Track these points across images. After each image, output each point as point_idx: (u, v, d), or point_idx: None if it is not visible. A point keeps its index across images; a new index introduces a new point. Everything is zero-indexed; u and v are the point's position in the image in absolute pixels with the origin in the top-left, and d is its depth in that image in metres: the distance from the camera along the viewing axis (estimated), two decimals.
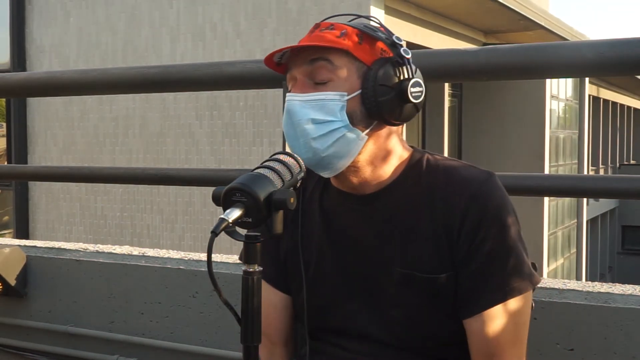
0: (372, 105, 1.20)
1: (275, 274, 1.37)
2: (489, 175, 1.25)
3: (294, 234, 1.34)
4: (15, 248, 2.41)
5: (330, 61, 1.21)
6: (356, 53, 1.21)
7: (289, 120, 1.23)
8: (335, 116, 1.20)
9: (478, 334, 1.23)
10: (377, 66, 1.21)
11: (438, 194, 1.25)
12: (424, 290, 1.24)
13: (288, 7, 9.52)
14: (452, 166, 1.28)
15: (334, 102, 1.20)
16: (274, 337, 1.39)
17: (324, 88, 1.21)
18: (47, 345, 2.41)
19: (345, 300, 1.31)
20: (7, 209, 12.18)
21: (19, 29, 11.20)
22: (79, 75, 2.49)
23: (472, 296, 1.23)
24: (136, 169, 3.48)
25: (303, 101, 1.21)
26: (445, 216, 1.23)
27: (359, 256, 1.29)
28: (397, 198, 1.27)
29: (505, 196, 1.25)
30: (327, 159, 1.22)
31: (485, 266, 1.21)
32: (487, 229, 1.21)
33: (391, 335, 1.27)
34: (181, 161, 10.16)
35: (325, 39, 1.22)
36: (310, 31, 1.26)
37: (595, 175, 9.71)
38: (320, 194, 1.35)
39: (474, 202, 1.22)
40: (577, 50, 1.70)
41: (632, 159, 27.04)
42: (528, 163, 12.55)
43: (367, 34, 1.23)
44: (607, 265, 21.64)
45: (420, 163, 1.29)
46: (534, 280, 1.25)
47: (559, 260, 14.77)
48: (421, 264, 1.24)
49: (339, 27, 1.23)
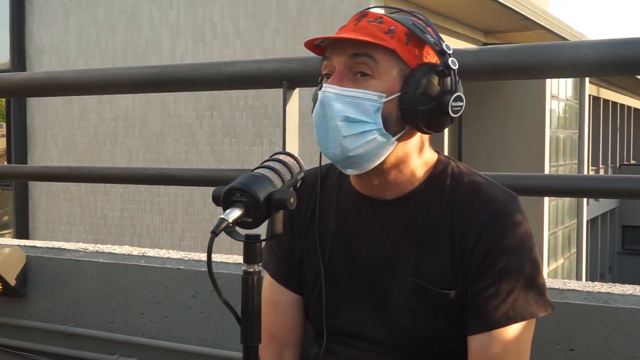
0: (410, 111, 1.16)
1: (288, 275, 1.35)
2: (511, 198, 1.23)
3: (310, 232, 1.32)
4: (15, 248, 2.41)
5: (373, 58, 1.16)
6: (402, 54, 1.17)
7: (322, 112, 1.18)
8: (369, 117, 1.16)
9: (478, 353, 1.21)
10: (421, 71, 1.17)
11: (459, 209, 1.22)
12: (434, 302, 1.23)
13: (288, 7, 9.52)
14: (477, 182, 1.25)
15: (371, 102, 1.16)
16: (285, 338, 1.36)
17: (364, 84, 1.17)
18: (47, 345, 2.41)
19: (353, 302, 1.29)
20: (7, 209, 12.18)
21: (19, 29, 11.21)
22: (79, 75, 2.49)
23: (478, 314, 1.21)
24: (136, 169, 3.48)
25: (339, 95, 1.17)
26: (463, 232, 1.21)
27: (371, 261, 1.28)
28: (417, 207, 1.25)
29: (524, 220, 1.23)
30: (353, 158, 1.18)
31: (495, 287, 1.19)
32: (500, 251, 1.19)
33: (396, 342, 1.27)
34: (181, 161, 10.16)
35: (373, 34, 1.16)
36: (356, 18, 1.20)
37: (595, 175, 9.70)
38: (337, 194, 1.32)
39: (492, 223, 1.20)
40: (577, 50, 1.70)
41: (632, 159, 27.04)
42: (528, 163, 12.55)
43: (416, 35, 1.18)
44: (607, 265, 21.64)
45: (444, 173, 1.26)
46: (546, 307, 1.22)
47: (559, 260, 14.77)
48: (434, 277, 1.22)
49: (388, 22, 1.18)
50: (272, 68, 2.03)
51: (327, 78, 1.22)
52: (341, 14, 9.14)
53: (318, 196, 1.33)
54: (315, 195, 1.33)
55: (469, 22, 12.09)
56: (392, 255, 1.26)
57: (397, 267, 1.25)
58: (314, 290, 1.32)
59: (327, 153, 1.20)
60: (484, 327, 1.20)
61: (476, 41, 12.69)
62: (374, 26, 1.17)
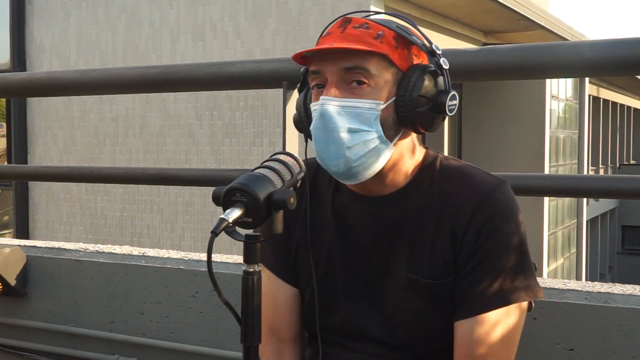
0: (407, 114, 1.17)
1: (286, 269, 1.36)
2: (500, 182, 1.23)
3: (306, 228, 1.32)
4: (15, 248, 2.41)
5: (367, 70, 1.15)
6: (393, 58, 1.16)
7: (323, 125, 1.17)
8: (370, 126, 1.16)
9: (464, 337, 1.21)
10: (413, 74, 1.17)
11: (450, 199, 1.23)
12: (428, 295, 1.23)
13: (288, 7, 9.52)
14: (466, 171, 1.26)
15: (370, 111, 1.16)
16: (284, 333, 1.36)
17: (360, 93, 1.16)
18: (47, 345, 2.41)
19: (349, 300, 1.30)
20: (7, 209, 12.18)
21: (19, 29, 11.21)
22: (79, 75, 2.49)
23: (464, 299, 1.21)
24: (136, 169, 3.48)
25: (340, 106, 1.16)
26: (453, 221, 1.22)
27: (366, 258, 1.28)
28: (409, 202, 1.25)
29: (513, 205, 1.22)
30: (356, 168, 1.18)
31: (481, 270, 1.19)
32: (488, 235, 1.19)
33: (393, 337, 1.27)
34: (181, 161, 10.16)
35: (363, 40, 1.16)
36: (340, 25, 1.19)
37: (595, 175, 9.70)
38: (332, 193, 1.33)
39: (480, 208, 1.20)
40: (577, 50, 1.70)
41: (632, 159, 27.03)
42: (528, 163, 12.55)
43: (403, 37, 1.18)
44: (607, 265, 21.63)
45: (433, 166, 1.27)
46: (533, 293, 1.21)
47: (559, 260, 14.77)
48: (427, 269, 1.23)
49: (374, 26, 1.17)
50: (272, 68, 2.03)
51: (317, 88, 1.21)
52: (341, 14, 9.12)
53: (308, 193, 1.32)
54: (309, 192, 1.33)
55: (469, 22, 12.08)
56: (387, 251, 1.26)
57: (391, 263, 1.26)
58: (309, 286, 1.32)
59: (329, 165, 1.20)
60: (470, 311, 1.20)
61: (476, 41, 12.69)
62: (362, 32, 1.17)
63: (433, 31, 11.09)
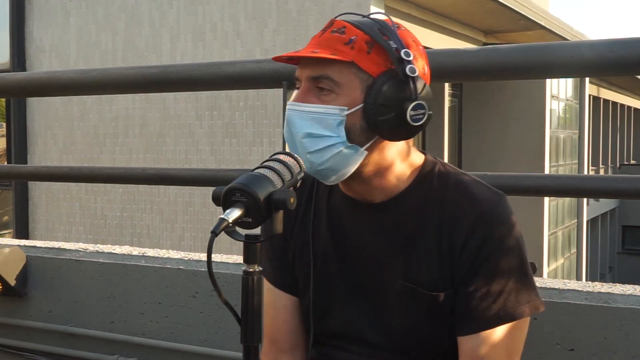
0: (372, 122, 1.16)
1: (284, 278, 1.35)
2: (499, 198, 1.23)
3: (302, 234, 1.32)
4: (15, 248, 2.41)
5: (330, 79, 1.16)
6: (362, 64, 1.15)
7: (288, 129, 1.20)
8: (332, 131, 1.16)
9: (469, 354, 1.21)
10: (382, 81, 1.15)
11: (447, 210, 1.22)
12: (424, 304, 1.23)
13: (288, 7, 9.52)
14: (464, 182, 1.25)
15: (333, 116, 1.16)
16: (283, 343, 1.36)
17: (326, 99, 1.17)
18: (46, 345, 2.41)
19: (346, 304, 1.30)
20: (7, 209, 12.18)
21: (19, 29, 11.21)
22: (79, 75, 2.49)
23: (468, 316, 1.21)
24: (136, 169, 3.48)
25: (301, 112, 1.17)
26: (451, 233, 1.21)
27: (362, 263, 1.28)
28: (406, 209, 1.25)
29: (512, 221, 1.22)
30: (323, 171, 1.19)
31: (485, 288, 1.19)
32: (490, 250, 1.19)
33: (389, 343, 1.27)
34: (181, 161, 10.16)
35: (332, 47, 1.15)
36: (323, 29, 1.20)
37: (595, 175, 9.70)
38: (327, 195, 1.32)
39: (480, 223, 1.19)
40: (577, 50, 1.70)
41: (632, 159, 27.03)
42: (528, 163, 12.55)
43: (378, 42, 1.15)
44: (607, 265, 21.63)
45: (431, 174, 1.26)
46: (535, 306, 1.22)
47: (559, 260, 14.77)
48: (423, 279, 1.23)
49: (350, 31, 1.16)
50: (272, 68, 2.03)
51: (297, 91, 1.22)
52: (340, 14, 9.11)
53: (314, 200, 1.33)
54: (305, 197, 1.33)
55: (469, 22, 12.09)
56: (382, 258, 1.26)
57: (387, 270, 1.25)
58: (307, 292, 1.32)
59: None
60: (475, 328, 1.20)
61: (476, 41, 12.69)
62: (335, 37, 1.16)
63: (433, 31, 11.10)
